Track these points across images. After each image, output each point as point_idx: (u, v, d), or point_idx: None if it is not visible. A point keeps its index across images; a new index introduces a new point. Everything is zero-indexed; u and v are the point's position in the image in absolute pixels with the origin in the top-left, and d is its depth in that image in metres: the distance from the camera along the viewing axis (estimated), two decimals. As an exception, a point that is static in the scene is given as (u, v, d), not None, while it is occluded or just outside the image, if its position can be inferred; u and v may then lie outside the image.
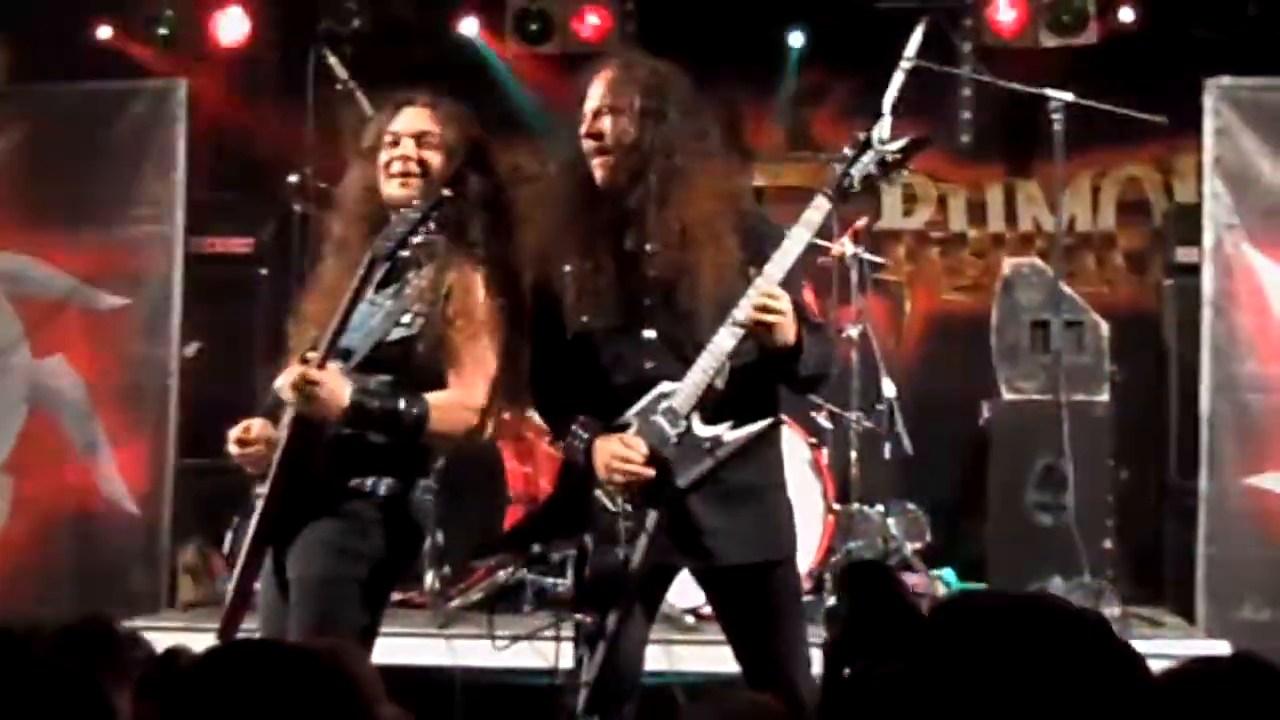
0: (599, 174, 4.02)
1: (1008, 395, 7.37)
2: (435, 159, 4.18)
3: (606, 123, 4.01)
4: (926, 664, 1.88)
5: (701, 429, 3.92)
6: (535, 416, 5.18)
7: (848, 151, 3.96)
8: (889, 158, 3.94)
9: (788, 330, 3.85)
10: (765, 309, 3.83)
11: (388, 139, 4.21)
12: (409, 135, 4.20)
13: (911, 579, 7.10)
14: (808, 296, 4.10)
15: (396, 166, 4.18)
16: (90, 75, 7.65)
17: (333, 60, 7.26)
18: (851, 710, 2.07)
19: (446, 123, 4.23)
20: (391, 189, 4.16)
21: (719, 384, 3.91)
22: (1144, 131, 7.32)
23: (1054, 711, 1.84)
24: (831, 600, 6.34)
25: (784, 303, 3.85)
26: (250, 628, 4.20)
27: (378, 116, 4.33)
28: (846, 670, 2.10)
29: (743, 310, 3.84)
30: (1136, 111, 6.84)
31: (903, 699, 1.89)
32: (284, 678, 2.04)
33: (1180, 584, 6.86)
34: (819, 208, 3.96)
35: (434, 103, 4.27)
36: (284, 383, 4.10)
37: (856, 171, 3.94)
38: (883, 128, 3.95)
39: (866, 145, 3.94)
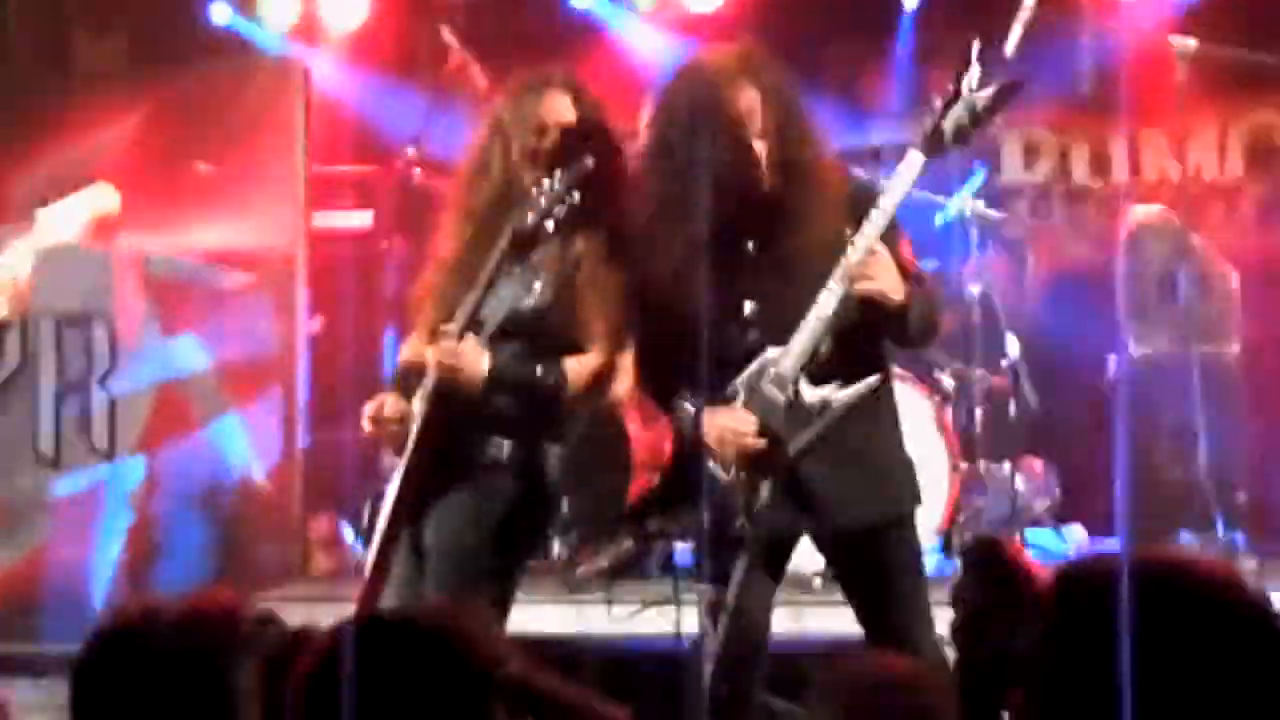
0: (765, 182, 3.99)
1: (1136, 349, 7.29)
2: (573, 144, 4.21)
3: (772, 147, 3.97)
4: (1055, 638, 1.86)
5: (809, 393, 3.91)
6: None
7: (938, 103, 3.91)
8: (979, 106, 3.89)
9: (891, 290, 3.85)
10: (862, 275, 3.82)
11: (534, 125, 4.25)
12: (554, 125, 4.24)
13: (1041, 537, 7.08)
14: (905, 252, 4.07)
15: (542, 159, 4.22)
16: (208, 57, 7.77)
17: (446, 33, 7.33)
18: (991, 690, 2.07)
19: (584, 108, 4.27)
20: (528, 179, 4.20)
21: (823, 349, 3.91)
22: (1271, 77, 7.21)
23: (1190, 676, 1.81)
24: (956, 578, 6.33)
25: (881, 264, 3.84)
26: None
27: (521, 95, 4.34)
28: (980, 650, 2.09)
29: (841, 275, 3.84)
30: (1263, 56, 6.73)
31: (1039, 678, 1.88)
32: (412, 650, 2.09)
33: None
34: (911, 163, 3.93)
35: (573, 87, 4.30)
36: (413, 354, 4.17)
37: (948, 123, 3.89)
38: (972, 76, 3.89)
39: (957, 95, 3.89)
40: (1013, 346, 7.13)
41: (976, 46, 3.92)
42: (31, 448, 7.22)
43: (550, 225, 4.11)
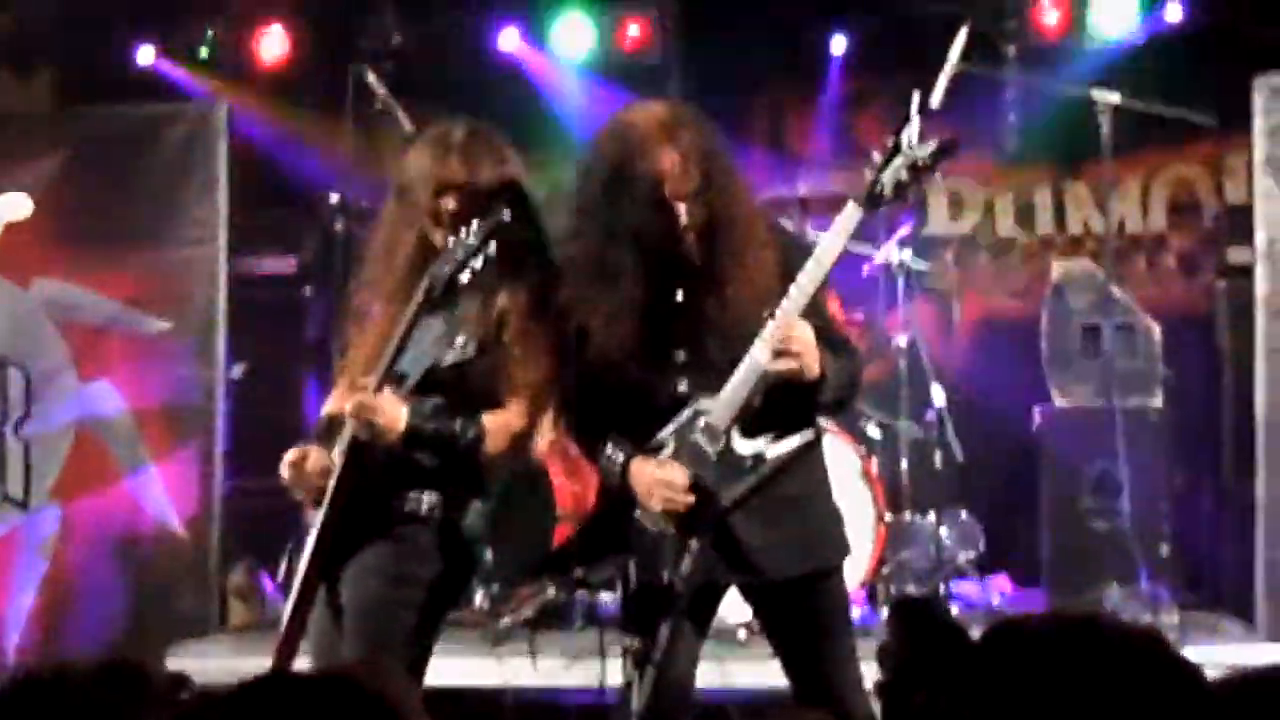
0: (689, 245, 3.97)
1: (1059, 401, 7.34)
2: (475, 205, 4.17)
3: (696, 206, 3.93)
4: (981, 697, 1.86)
5: (742, 445, 3.90)
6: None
7: (877, 157, 3.91)
8: (920, 162, 3.88)
9: (810, 363, 3.83)
10: (783, 352, 3.81)
11: (431, 185, 4.21)
12: (452, 187, 4.19)
13: (965, 587, 7.10)
14: (833, 307, 4.07)
15: (444, 219, 4.18)
16: (132, 98, 7.71)
17: (372, 78, 7.29)
18: None
19: (483, 163, 4.22)
20: (438, 238, 4.17)
21: (755, 401, 3.90)
22: (1193, 131, 7.32)
23: None
24: (882, 635, 6.34)
25: (803, 337, 3.83)
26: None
27: (417, 152, 4.31)
28: (905, 708, 2.08)
29: (771, 333, 3.83)
30: (1185, 111, 6.81)
31: None
32: (315, 708, 2.05)
33: (1239, 588, 6.81)
34: (850, 216, 3.92)
35: (469, 144, 4.24)
36: (334, 408, 4.13)
37: (887, 177, 3.88)
38: (912, 131, 3.90)
39: (896, 150, 3.89)
40: (938, 397, 7.16)
41: (917, 100, 3.93)
42: (-57, 495, 7.12)
43: (465, 278, 4.07)
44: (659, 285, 3.96)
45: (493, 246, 4.05)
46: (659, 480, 3.88)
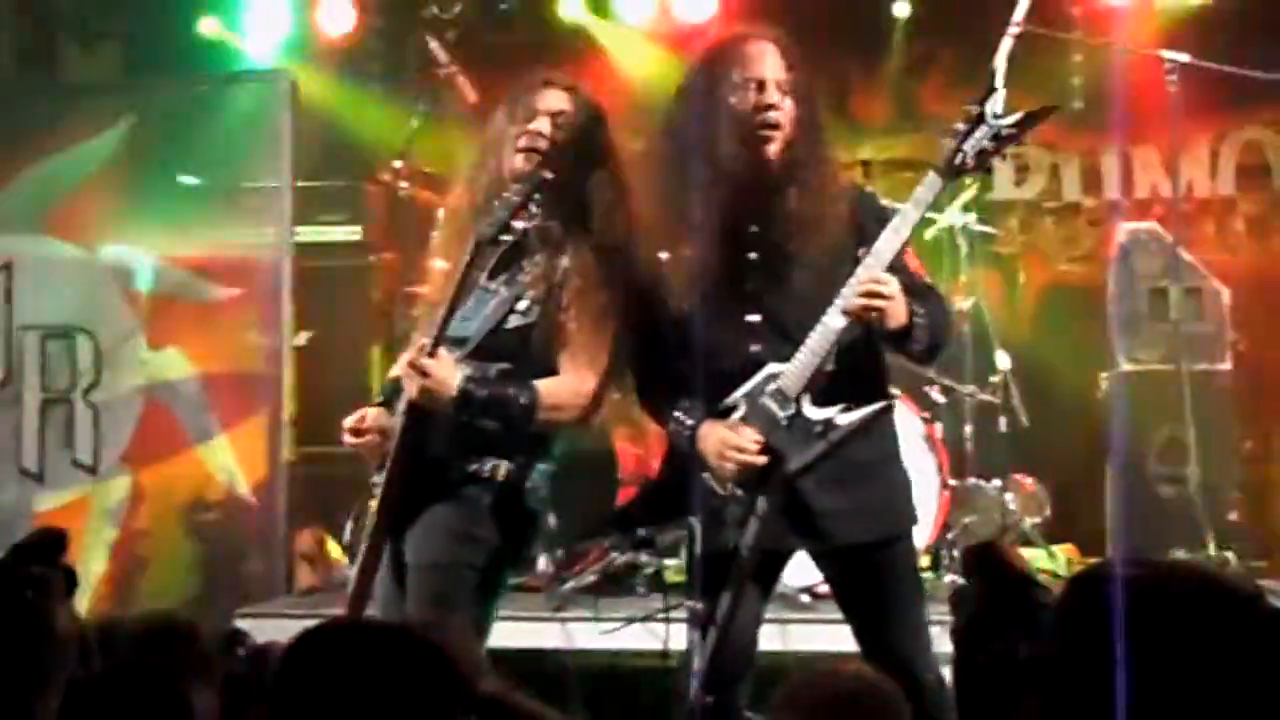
0: (769, 149, 3.96)
1: (1126, 366, 7.28)
2: (563, 138, 4.18)
3: (779, 99, 3.96)
4: (1068, 642, 1.84)
5: (812, 411, 3.89)
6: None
7: (960, 126, 3.88)
8: (1004, 131, 3.87)
9: (897, 313, 3.83)
10: (871, 294, 3.80)
11: (525, 113, 4.22)
12: (546, 113, 4.21)
13: (1030, 554, 7.06)
14: (913, 263, 4.06)
15: (524, 141, 4.18)
16: (196, 69, 7.76)
17: (435, 45, 7.32)
18: (992, 696, 2.04)
19: (579, 107, 4.24)
20: (516, 161, 4.17)
21: (828, 366, 3.89)
22: (1262, 93, 7.22)
23: (1206, 688, 1.78)
24: (956, 582, 6.33)
25: (891, 286, 3.81)
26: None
27: (517, 92, 4.32)
28: (981, 655, 2.07)
29: (849, 297, 3.82)
30: (1255, 72, 6.73)
31: (1045, 681, 1.85)
32: (375, 656, 2.07)
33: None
34: (930, 185, 3.91)
35: (573, 86, 4.28)
36: (400, 370, 4.15)
37: (970, 147, 3.87)
38: (996, 101, 3.88)
39: (980, 120, 3.88)
40: (1003, 362, 7.12)
41: (1000, 71, 3.92)
42: (15, 462, 7.20)
43: (511, 238, 4.07)
44: (735, 238, 3.95)
45: (537, 206, 4.05)
46: (730, 443, 3.88)
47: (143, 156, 7.17)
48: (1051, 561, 7.03)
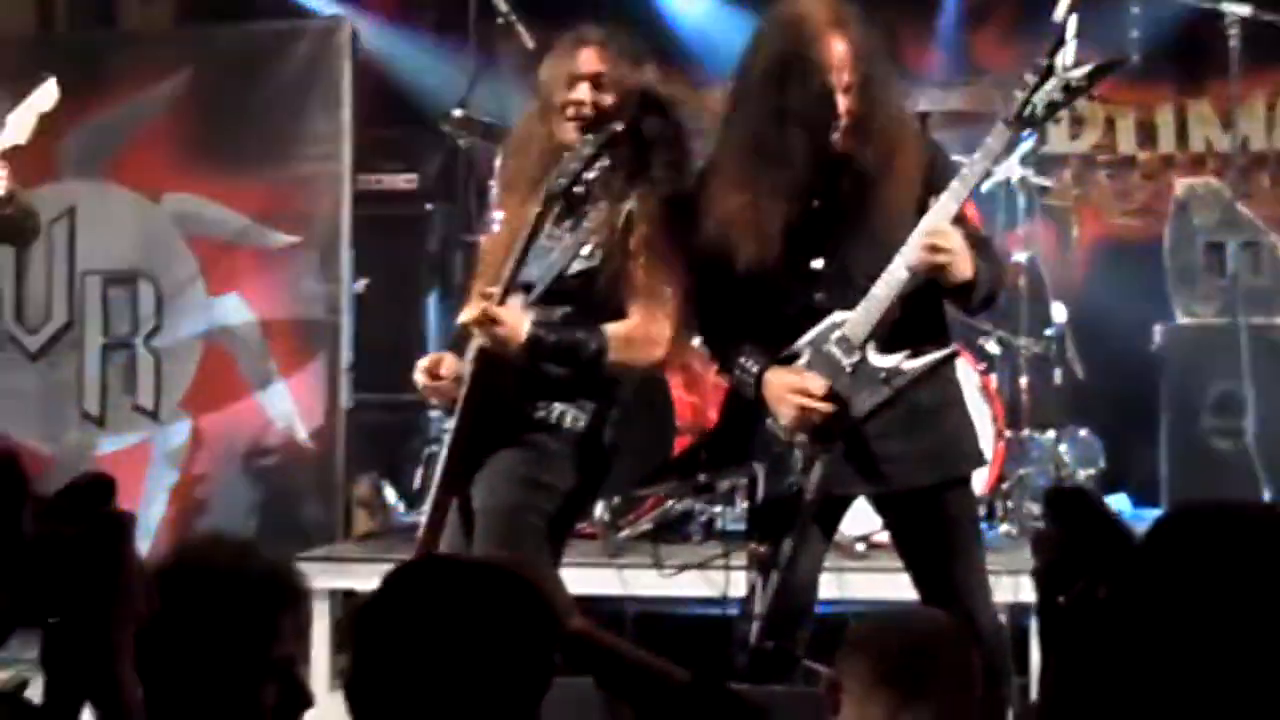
0: (838, 139, 3.96)
1: (1182, 319, 7.26)
2: (608, 100, 4.19)
3: (853, 100, 3.93)
4: (1148, 585, 1.83)
5: (877, 359, 3.90)
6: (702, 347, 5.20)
7: (1029, 78, 3.87)
8: (1074, 83, 3.86)
9: (962, 266, 3.83)
10: (935, 249, 3.80)
11: (564, 79, 4.23)
12: (584, 78, 4.21)
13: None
14: (972, 216, 4.06)
15: (571, 110, 4.20)
16: (254, 17, 7.76)
17: (493, -6, 7.29)
18: (1074, 637, 2.03)
19: (619, 62, 4.23)
20: (566, 131, 4.19)
21: (894, 315, 3.89)
22: (1322, 46, 7.14)
23: None
24: (1011, 532, 6.34)
25: (954, 240, 3.81)
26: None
27: (554, 55, 4.33)
28: (1061, 597, 2.06)
29: (914, 248, 3.82)
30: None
31: (1130, 622, 1.84)
32: (470, 591, 2.08)
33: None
34: (999, 137, 3.91)
35: (606, 41, 4.27)
36: (468, 317, 4.16)
37: (1039, 99, 3.86)
38: (1067, 53, 3.86)
39: (1050, 72, 3.86)
40: (1058, 314, 7.09)
41: (1074, 22, 3.89)
42: (78, 406, 7.25)
43: (581, 189, 4.09)
44: (802, 188, 3.95)
45: (606, 158, 4.06)
46: (795, 388, 3.89)
47: (202, 104, 7.17)
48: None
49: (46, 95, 5.59)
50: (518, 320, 4.06)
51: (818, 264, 3.98)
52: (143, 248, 7.22)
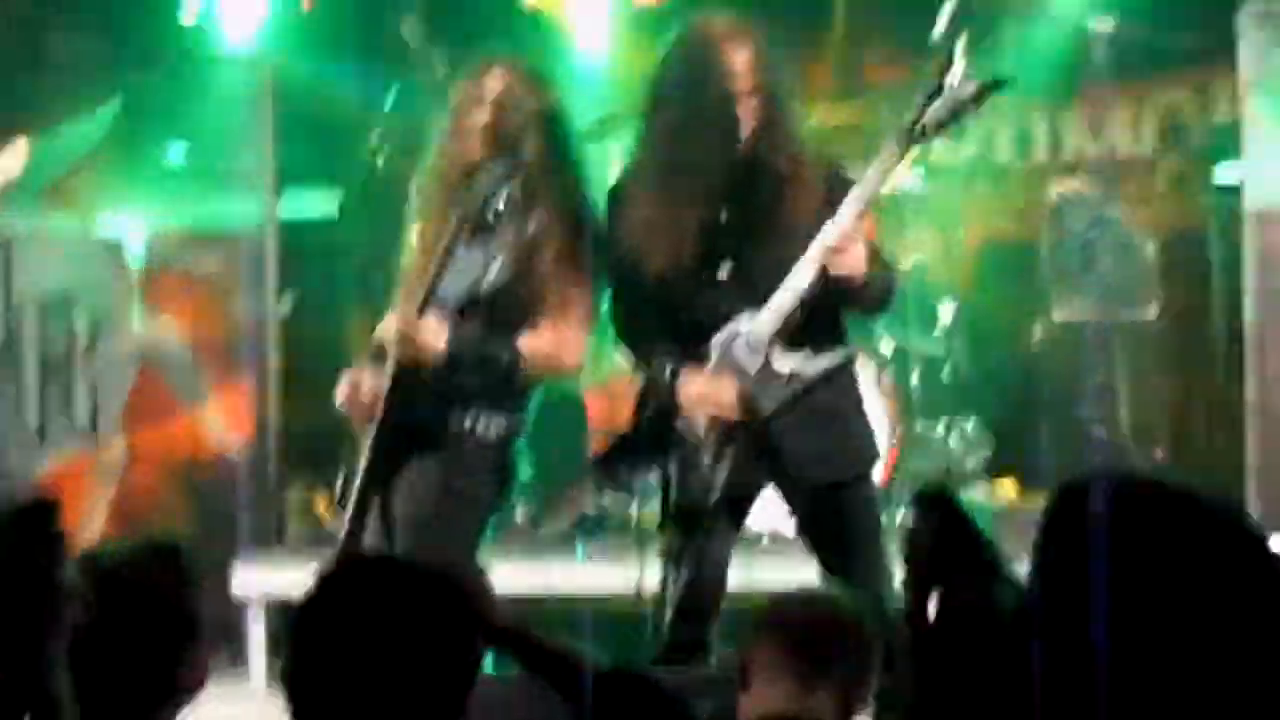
0: (742, 134, 3.98)
1: (1059, 315, 7.36)
2: (512, 123, 4.20)
3: (750, 90, 3.97)
4: (1056, 549, 1.79)
5: (780, 360, 3.94)
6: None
7: (920, 96, 3.93)
8: (962, 101, 3.91)
9: (861, 272, 3.88)
10: (837, 255, 3.84)
11: (472, 103, 4.24)
12: (489, 102, 4.22)
13: (974, 491, 7.12)
14: (869, 228, 4.11)
15: (478, 133, 4.21)
16: (179, 50, 7.70)
17: (407, 26, 7.30)
18: (943, 638, 2.05)
19: (524, 87, 4.25)
20: (474, 153, 4.20)
21: (795, 319, 3.93)
22: (1182, 58, 7.28)
23: (1184, 596, 1.69)
24: (905, 523, 6.38)
25: (855, 247, 3.87)
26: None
27: (461, 79, 4.35)
28: (933, 596, 2.07)
29: (815, 254, 3.86)
30: (1174, 38, 6.78)
31: (1032, 591, 1.81)
32: (398, 590, 2.10)
33: (1230, 488, 6.82)
34: (892, 152, 3.96)
35: (512, 67, 4.28)
36: (385, 332, 4.17)
37: (930, 116, 3.92)
38: (955, 73, 3.91)
39: (939, 90, 3.91)
40: (946, 314, 7.16)
41: (962, 44, 3.94)
42: (16, 426, 7.17)
43: (495, 209, 4.10)
44: (709, 196, 3.98)
45: (515, 179, 4.08)
46: (706, 392, 3.92)
47: (132, 135, 7.12)
48: (992, 499, 7.10)
49: (15, 156, 5.61)
50: (435, 334, 4.07)
51: (725, 274, 4.01)
52: (79, 272, 7.15)
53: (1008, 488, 7.29)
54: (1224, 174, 7.30)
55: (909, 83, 4.05)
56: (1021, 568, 1.89)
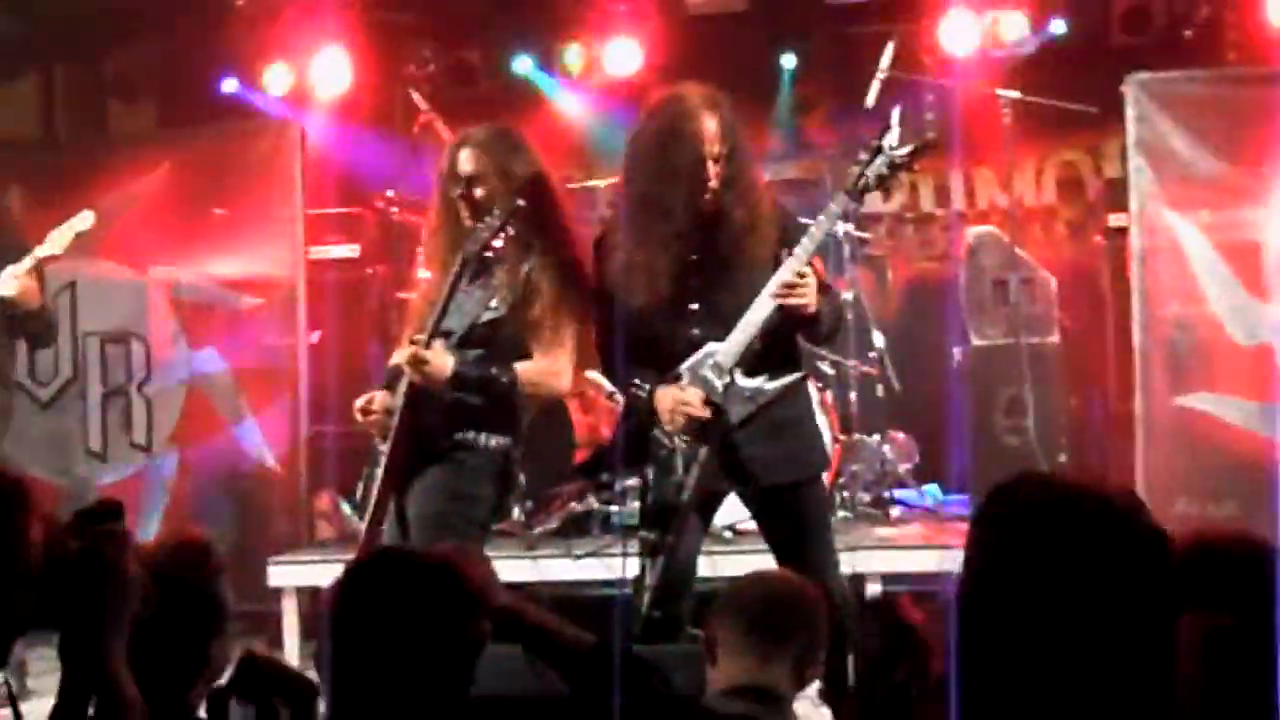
0: (710, 186, 3.96)
1: (976, 340, 7.38)
2: (482, 193, 4.19)
3: (718, 150, 3.95)
4: (992, 544, 1.76)
5: (744, 381, 3.94)
6: (594, 375, 5.24)
7: (862, 156, 3.93)
8: (898, 160, 3.92)
9: (814, 305, 3.88)
10: (793, 286, 3.85)
11: (449, 177, 4.26)
12: (465, 177, 4.23)
13: (904, 493, 7.13)
14: (819, 267, 4.12)
15: (461, 205, 4.22)
16: (221, 120, 7.70)
17: (416, 96, 7.31)
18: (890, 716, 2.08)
19: (498, 159, 4.23)
20: (466, 220, 4.22)
21: (756, 345, 3.93)
22: (1077, 122, 7.33)
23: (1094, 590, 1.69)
24: (848, 518, 6.41)
25: (810, 279, 3.87)
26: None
27: (451, 148, 4.34)
28: (880, 686, 2.09)
29: (777, 285, 3.86)
30: (1071, 104, 6.83)
31: (968, 585, 1.78)
32: (416, 575, 2.09)
33: (1123, 487, 6.84)
34: (840, 202, 3.97)
35: (484, 141, 4.26)
36: (400, 359, 4.16)
37: (871, 173, 3.92)
38: (892, 136, 3.92)
39: (879, 150, 3.92)
40: (879, 341, 7.18)
41: (897, 113, 3.96)
42: (83, 444, 7.15)
43: (491, 254, 4.11)
44: (681, 241, 3.98)
45: (510, 229, 4.08)
46: (680, 400, 3.92)
47: (180, 192, 7.10)
48: (920, 499, 7.11)
49: (84, 220, 5.65)
50: (443, 360, 4.08)
51: (694, 305, 4.02)
52: (134, 312, 7.13)
53: (933, 490, 7.30)
54: (1114, 220, 7.33)
55: (846, 145, 4.05)
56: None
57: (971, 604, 1.74)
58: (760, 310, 3.88)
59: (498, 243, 4.09)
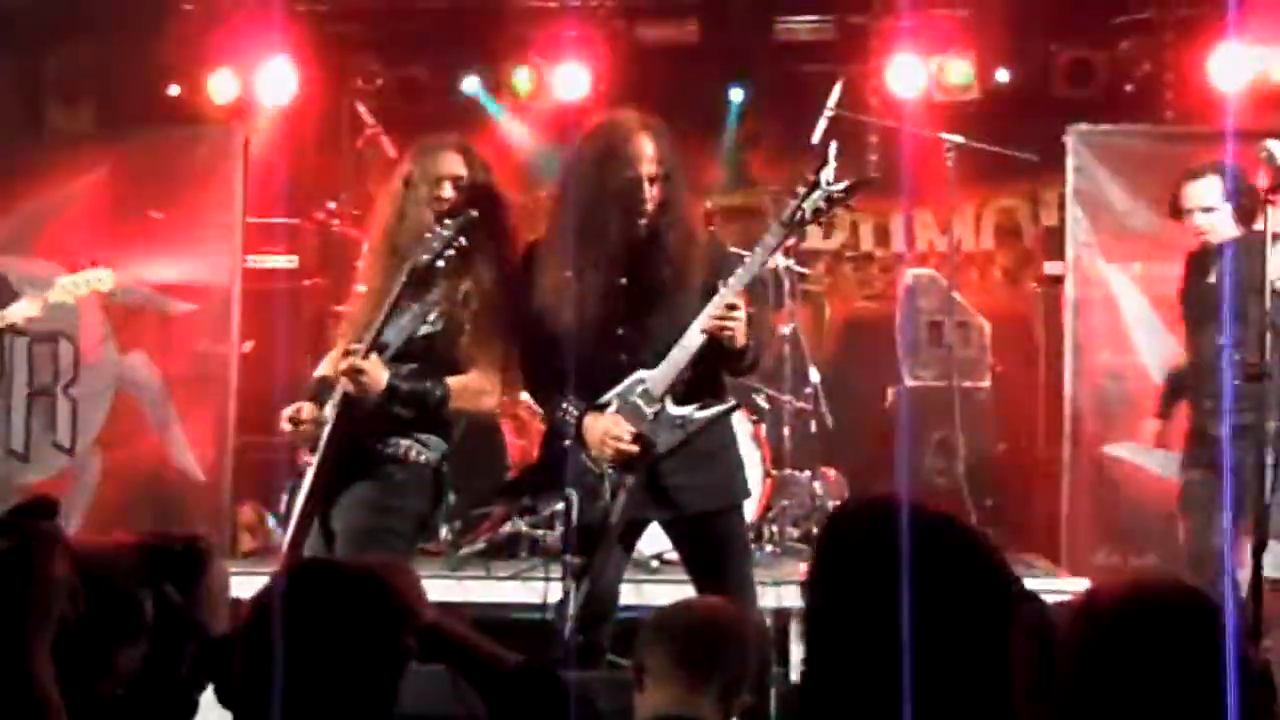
0: (644, 210, 3.97)
1: (909, 381, 7.43)
2: (460, 197, 4.21)
3: (653, 173, 3.97)
4: (837, 567, 1.91)
5: (673, 409, 3.95)
6: (528, 398, 5.22)
7: (800, 189, 3.95)
8: (835, 195, 3.94)
9: (742, 333, 3.89)
10: (726, 320, 3.86)
11: (432, 177, 4.23)
12: (448, 178, 4.22)
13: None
14: (746, 300, 4.13)
15: (435, 204, 4.20)
16: (163, 124, 7.62)
17: (362, 110, 7.28)
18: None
19: (471, 165, 4.25)
20: (425, 216, 4.20)
21: (686, 374, 3.94)
22: (1017, 169, 7.43)
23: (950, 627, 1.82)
24: (776, 552, 6.41)
25: (741, 311, 3.88)
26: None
27: (425, 154, 4.32)
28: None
29: (708, 319, 3.87)
30: (1012, 152, 6.91)
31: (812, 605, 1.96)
32: (340, 588, 2.07)
33: (1048, 534, 6.91)
34: (775, 234, 3.98)
35: (464, 148, 4.29)
36: (329, 370, 4.14)
37: (808, 206, 3.93)
38: (829, 171, 3.95)
39: (816, 185, 3.94)
40: (814, 376, 7.20)
41: (835, 148, 3.98)
42: (4, 444, 7.02)
43: (441, 265, 4.10)
44: (617, 263, 3.98)
45: (463, 239, 4.08)
46: (609, 431, 3.91)
47: (118, 195, 7.01)
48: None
49: (102, 280, 5.57)
50: (379, 372, 4.07)
51: (621, 329, 4.01)
52: (64, 312, 6.95)
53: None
54: (1050, 268, 7.42)
55: (790, 180, 4.07)
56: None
57: (816, 616, 1.92)
58: (693, 339, 3.89)
59: (450, 251, 4.07)
